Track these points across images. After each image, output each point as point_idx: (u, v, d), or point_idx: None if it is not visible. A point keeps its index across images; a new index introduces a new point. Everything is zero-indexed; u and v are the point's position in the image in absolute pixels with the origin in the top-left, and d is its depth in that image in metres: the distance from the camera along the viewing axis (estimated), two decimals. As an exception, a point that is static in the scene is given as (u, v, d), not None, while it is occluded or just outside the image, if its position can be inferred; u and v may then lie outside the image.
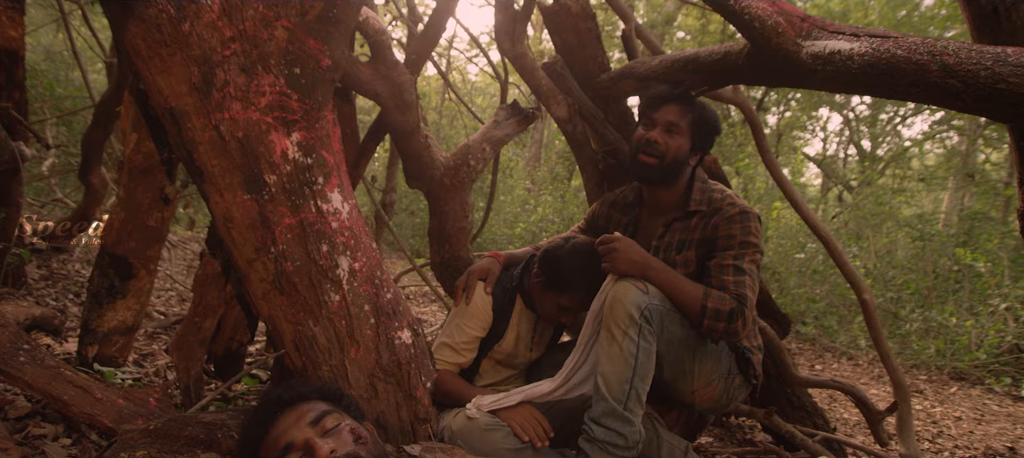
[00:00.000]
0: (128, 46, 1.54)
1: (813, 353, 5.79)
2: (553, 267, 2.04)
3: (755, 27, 1.78)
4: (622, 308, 1.76)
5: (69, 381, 1.64)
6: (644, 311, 1.75)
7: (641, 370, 1.75)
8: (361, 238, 1.77)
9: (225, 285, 2.01)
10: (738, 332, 1.80)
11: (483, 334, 2.12)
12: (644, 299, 1.77)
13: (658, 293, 1.81)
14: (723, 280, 1.84)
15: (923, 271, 6.62)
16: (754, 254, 1.89)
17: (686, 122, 2.00)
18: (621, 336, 1.75)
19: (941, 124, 12.64)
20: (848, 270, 2.52)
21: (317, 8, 1.59)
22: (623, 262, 1.84)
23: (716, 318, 1.79)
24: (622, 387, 1.74)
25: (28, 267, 3.55)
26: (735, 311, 1.79)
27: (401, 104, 2.17)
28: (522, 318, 2.17)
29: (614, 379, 1.75)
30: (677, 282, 1.84)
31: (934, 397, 4.46)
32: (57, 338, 2.64)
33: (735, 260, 1.87)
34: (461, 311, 2.12)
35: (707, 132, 2.03)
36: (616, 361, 1.75)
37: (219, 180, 1.60)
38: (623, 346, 1.74)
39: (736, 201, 1.96)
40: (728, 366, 1.93)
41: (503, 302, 2.12)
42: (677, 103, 2.02)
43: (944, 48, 1.52)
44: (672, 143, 1.99)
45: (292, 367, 1.77)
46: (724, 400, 1.96)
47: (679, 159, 2.00)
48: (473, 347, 2.12)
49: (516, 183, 11.64)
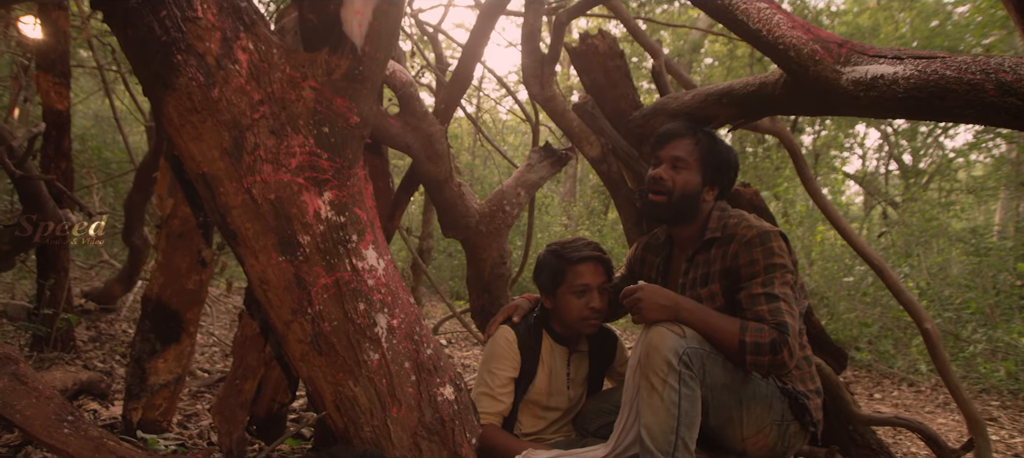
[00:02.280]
0: (161, 114, 1.56)
1: (870, 381, 5.53)
2: (542, 266, 2.10)
3: (791, 57, 1.72)
4: (659, 356, 1.68)
5: (112, 451, 1.63)
6: (682, 356, 1.67)
7: (686, 418, 1.66)
8: (398, 294, 1.74)
9: (264, 346, 2.00)
10: (785, 364, 1.69)
11: (515, 374, 2.09)
12: (681, 343, 1.68)
13: (696, 335, 1.72)
14: (758, 311, 1.74)
15: (982, 288, 6.31)
16: (784, 275, 1.78)
17: (694, 157, 1.94)
18: (661, 385, 1.67)
19: (987, 132, 12.21)
20: (905, 298, 2.40)
21: (343, 67, 1.59)
22: (650, 309, 1.77)
23: (758, 352, 1.69)
24: (667, 438, 1.65)
25: (77, 330, 3.63)
26: (777, 341, 1.68)
27: (432, 154, 2.16)
28: (553, 354, 2.14)
29: (658, 431, 1.66)
30: (711, 319, 1.76)
31: (1012, 426, 4.19)
32: (104, 402, 2.67)
33: (764, 287, 1.76)
34: (489, 356, 2.11)
35: (718, 166, 1.96)
36: (659, 412, 1.66)
37: (253, 243, 1.60)
38: (664, 396, 1.66)
39: (753, 223, 1.87)
40: (781, 412, 1.82)
41: (528, 339, 2.11)
42: (683, 138, 1.97)
43: (999, 65, 1.43)
44: (679, 179, 1.94)
45: (334, 428, 1.74)
46: (779, 449, 1.84)
47: (688, 194, 1.94)
48: (509, 390, 2.09)
49: (552, 219, 11.60)
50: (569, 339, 2.17)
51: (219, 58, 1.52)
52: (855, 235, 2.52)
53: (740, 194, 2.38)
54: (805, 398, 1.86)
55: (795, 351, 1.70)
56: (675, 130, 2.01)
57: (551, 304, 2.13)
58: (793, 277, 1.81)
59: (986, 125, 1.51)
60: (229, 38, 1.53)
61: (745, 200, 2.36)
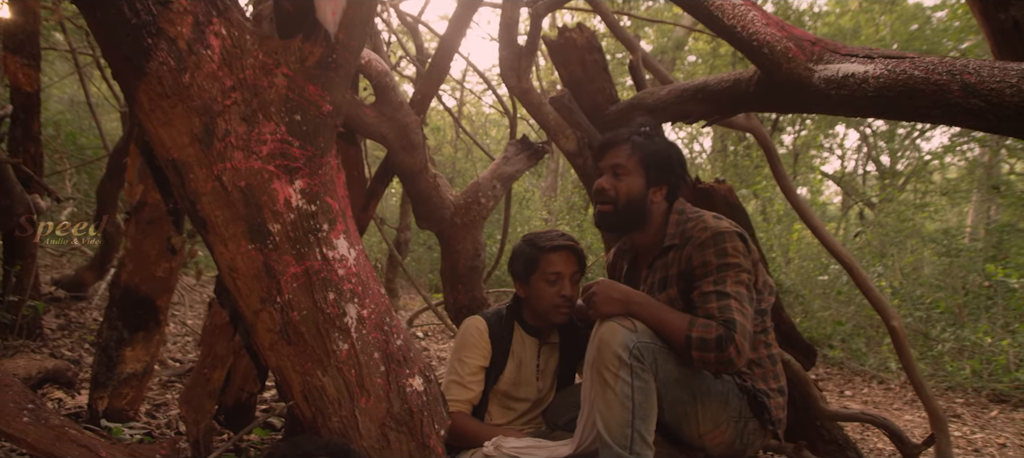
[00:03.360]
0: (131, 98, 1.54)
1: (842, 378, 5.62)
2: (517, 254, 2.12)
3: (765, 53, 1.74)
4: (609, 350, 1.69)
5: (73, 440, 1.60)
6: (633, 350, 1.67)
7: (640, 411, 1.67)
8: (369, 284, 1.73)
9: (234, 335, 1.98)
10: (732, 361, 1.68)
11: (486, 363, 2.12)
12: (632, 337, 1.69)
13: (648, 330, 1.73)
14: (707, 308, 1.74)
15: (952, 288, 6.43)
16: (738, 274, 1.77)
17: (633, 161, 1.94)
18: (613, 380, 1.68)
19: (961, 136, 12.43)
20: (874, 296, 2.43)
21: (316, 54, 1.58)
22: (603, 302, 1.78)
23: (704, 348, 1.68)
24: (624, 432, 1.67)
25: (46, 317, 3.57)
26: (723, 338, 1.66)
27: (407, 145, 2.14)
28: (523, 345, 2.16)
29: (615, 425, 1.67)
30: (661, 313, 1.76)
31: (974, 422, 4.29)
32: (70, 390, 2.63)
33: (716, 285, 1.75)
34: (459, 345, 2.13)
35: (660, 164, 1.94)
36: (613, 406, 1.67)
37: (223, 230, 1.58)
38: (617, 390, 1.67)
39: (709, 224, 1.84)
40: (738, 409, 1.82)
41: (499, 329, 2.12)
42: (620, 145, 1.97)
43: (964, 67, 1.46)
44: (621, 186, 1.94)
45: (301, 418, 1.73)
46: (738, 445, 1.84)
47: (633, 199, 1.93)
48: (479, 379, 2.11)
49: (533, 214, 11.61)
50: (540, 330, 2.18)
51: (191, 43, 1.49)
52: (827, 232, 2.56)
53: (714, 190, 2.40)
54: (765, 396, 1.85)
55: (744, 350, 1.69)
56: (611, 139, 2.01)
57: (524, 292, 2.15)
58: (749, 276, 1.79)
59: (951, 125, 1.54)
60: (202, 23, 1.51)
61: (719, 196, 2.38)
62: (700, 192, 2.41)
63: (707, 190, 2.40)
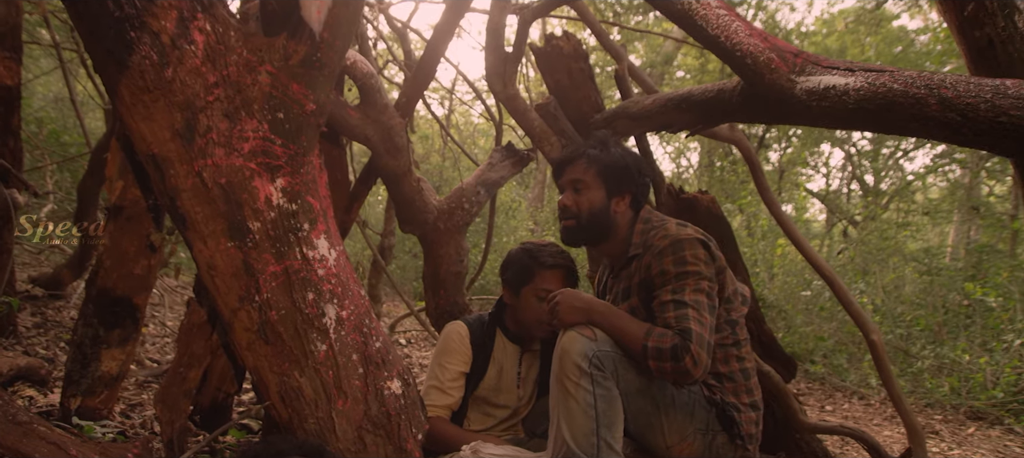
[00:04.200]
0: (112, 93, 1.52)
1: (823, 393, 5.65)
2: (512, 261, 2.10)
3: (747, 64, 1.76)
4: (569, 360, 1.69)
5: (42, 437, 1.57)
6: (593, 359, 1.67)
7: (604, 419, 1.67)
8: (349, 285, 1.72)
9: (211, 334, 1.96)
10: (688, 371, 1.64)
11: (466, 369, 2.12)
12: (591, 346, 1.69)
13: (608, 339, 1.73)
14: (665, 317, 1.72)
15: (932, 306, 6.50)
16: (697, 282, 1.73)
17: (590, 174, 1.94)
18: (574, 389, 1.68)
19: (943, 157, 12.62)
20: (854, 310, 2.45)
21: (301, 53, 1.57)
22: (565, 311, 1.78)
23: (659, 358, 1.66)
24: (590, 440, 1.66)
25: (21, 315, 3.51)
26: (679, 347, 1.64)
27: (392, 148, 2.14)
28: (505, 352, 2.16)
29: (580, 434, 1.67)
30: (620, 322, 1.75)
31: (951, 438, 4.32)
32: (42, 389, 2.58)
33: (674, 294, 1.73)
34: (440, 350, 2.13)
35: (619, 175, 1.94)
36: (577, 416, 1.67)
37: (202, 227, 1.57)
38: (579, 399, 1.67)
39: (669, 232, 1.82)
40: (706, 422, 1.80)
41: (481, 335, 2.12)
42: (576, 160, 1.98)
43: (941, 81, 1.48)
44: (582, 200, 1.95)
45: (278, 419, 1.71)
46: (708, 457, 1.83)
47: (595, 212, 1.94)
48: (459, 385, 2.11)
49: (519, 223, 11.61)
50: (522, 338, 2.18)
51: (175, 38, 1.48)
52: (809, 247, 2.58)
53: (698, 201, 2.42)
54: (734, 410, 1.82)
55: (701, 360, 1.66)
56: (567, 155, 2.02)
57: (511, 300, 2.14)
58: (710, 284, 1.76)
59: (929, 139, 1.56)
60: (186, 18, 1.50)
61: (702, 207, 2.39)
62: (683, 203, 2.42)
63: (690, 201, 2.41)
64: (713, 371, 1.83)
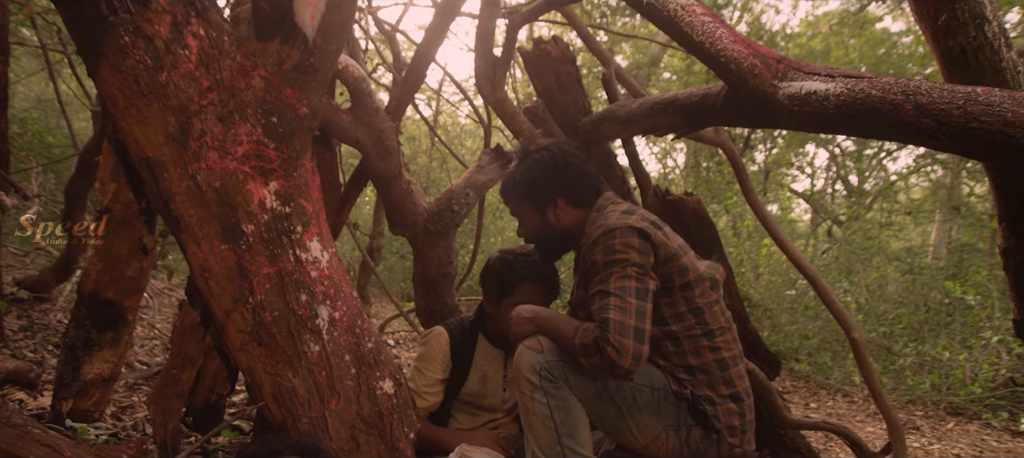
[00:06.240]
0: (105, 96, 1.54)
1: (807, 391, 5.73)
2: (492, 273, 2.11)
3: (731, 70, 1.80)
4: (520, 375, 1.74)
5: (36, 439, 1.58)
6: (541, 371, 1.71)
7: (564, 427, 1.70)
8: (341, 287, 1.74)
9: (204, 336, 1.97)
10: (614, 362, 1.59)
11: (444, 376, 2.14)
12: (539, 358, 1.72)
13: (555, 348, 1.74)
14: (592, 310, 1.69)
15: (914, 305, 6.61)
16: (624, 269, 1.67)
17: (516, 202, 2.01)
18: (530, 402, 1.72)
19: (925, 158, 12.80)
20: (836, 309, 2.51)
21: (294, 57, 1.59)
22: (516, 324, 1.82)
23: (586, 353, 1.64)
24: (554, 449, 1.70)
25: (7, 318, 3.49)
26: (599, 339, 1.60)
27: (382, 151, 2.16)
28: (487, 357, 2.18)
29: (545, 444, 1.71)
30: (557, 325, 1.76)
31: (932, 434, 4.41)
32: (32, 392, 2.58)
33: (601, 285, 1.69)
34: (421, 355, 2.16)
35: (539, 188, 1.94)
36: (537, 428, 1.72)
37: (196, 230, 1.58)
38: (536, 412, 1.71)
39: (605, 222, 1.76)
40: (676, 417, 1.75)
41: (462, 341, 2.14)
42: (505, 197, 2.05)
43: (917, 88, 1.53)
44: (524, 227, 2.02)
45: (271, 419, 1.73)
46: (687, 453, 1.78)
47: (539, 231, 1.99)
48: (437, 390, 2.14)
49: (507, 224, 11.63)
50: (506, 342, 2.20)
51: (168, 42, 1.50)
52: (792, 247, 2.63)
53: (683, 203, 2.46)
54: (707, 403, 1.74)
55: (625, 347, 1.59)
56: (500, 194, 2.08)
57: (491, 309, 2.17)
58: (638, 269, 1.68)
59: (907, 143, 1.61)
60: (179, 22, 1.52)
61: (688, 208, 2.43)
62: (669, 204, 2.46)
63: (676, 203, 2.45)
64: (684, 364, 1.77)
